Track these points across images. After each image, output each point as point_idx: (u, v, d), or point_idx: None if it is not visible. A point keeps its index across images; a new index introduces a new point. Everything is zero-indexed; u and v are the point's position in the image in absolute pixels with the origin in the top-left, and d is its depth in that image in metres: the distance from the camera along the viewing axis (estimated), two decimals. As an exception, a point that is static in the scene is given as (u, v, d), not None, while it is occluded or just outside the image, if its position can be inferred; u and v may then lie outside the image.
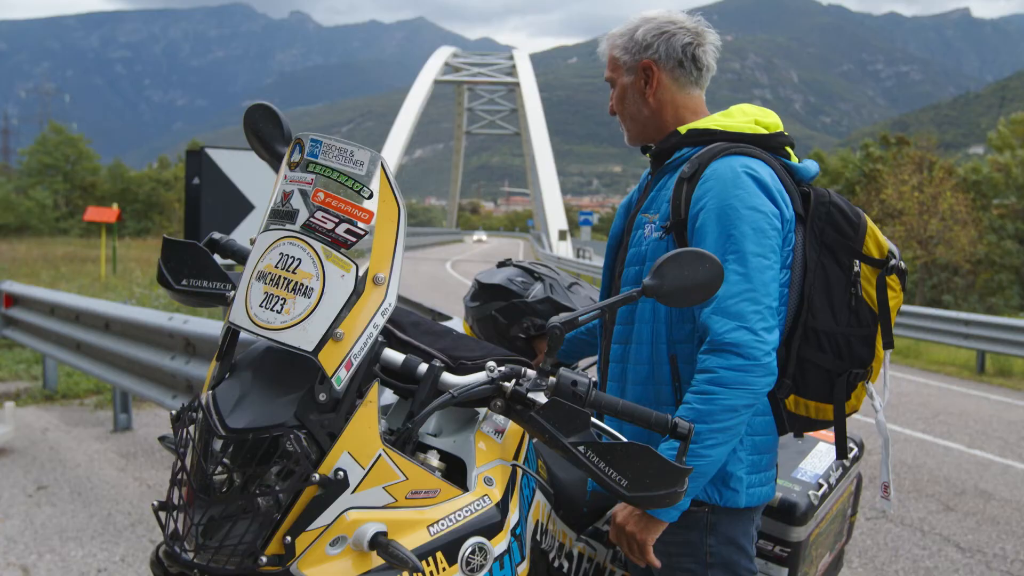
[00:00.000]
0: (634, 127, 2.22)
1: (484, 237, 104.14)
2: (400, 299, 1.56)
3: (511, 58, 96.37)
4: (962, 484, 6.87)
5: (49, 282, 21.18)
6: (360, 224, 1.48)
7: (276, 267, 1.49)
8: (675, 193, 2.04)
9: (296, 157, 1.56)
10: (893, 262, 2.10)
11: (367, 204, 1.49)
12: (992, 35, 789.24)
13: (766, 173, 2.02)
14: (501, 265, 2.99)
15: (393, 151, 70.96)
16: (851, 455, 2.73)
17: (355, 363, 1.47)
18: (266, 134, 1.78)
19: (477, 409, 1.83)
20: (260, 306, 1.49)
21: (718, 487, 2.02)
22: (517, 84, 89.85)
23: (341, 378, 1.45)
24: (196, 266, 1.78)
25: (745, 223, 1.92)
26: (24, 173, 62.64)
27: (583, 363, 2.74)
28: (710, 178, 1.99)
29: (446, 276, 33.85)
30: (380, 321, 1.49)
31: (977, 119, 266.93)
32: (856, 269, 2.08)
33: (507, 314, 2.80)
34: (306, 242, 1.49)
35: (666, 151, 2.17)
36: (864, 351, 2.11)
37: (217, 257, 1.82)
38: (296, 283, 1.47)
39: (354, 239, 1.48)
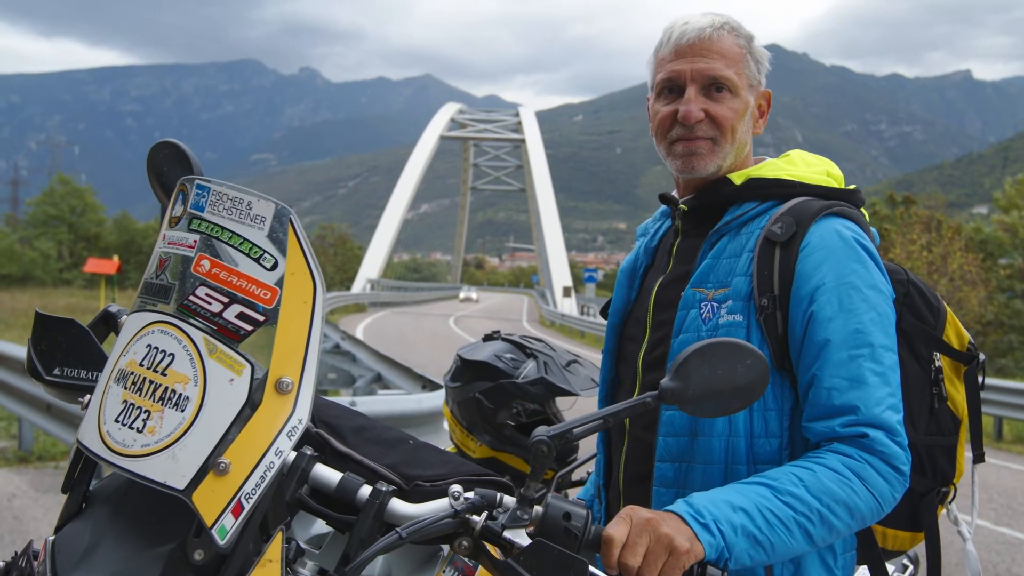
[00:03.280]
0: (730, 155, 1.68)
1: (474, 295, 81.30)
2: (387, 360, 1.12)
3: (517, 115, 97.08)
4: (994, 568, 6.36)
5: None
6: (259, 306, 1.06)
7: (141, 365, 1.06)
8: (761, 261, 1.56)
9: (178, 210, 1.13)
10: (983, 357, 1.69)
11: (269, 277, 1.06)
12: (993, 96, 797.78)
13: (869, 241, 1.59)
14: (488, 338, 2.59)
15: (399, 205, 71.32)
16: (907, 573, 2.28)
17: (248, 506, 1.03)
18: (171, 179, 1.33)
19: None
20: (116, 421, 1.04)
21: None
22: (523, 140, 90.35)
23: (226, 528, 1.02)
24: (74, 350, 1.36)
25: (872, 308, 1.50)
26: (29, 224, 62.99)
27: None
28: (817, 248, 1.54)
29: (449, 332, 33.54)
30: (286, 445, 1.06)
31: (980, 179, 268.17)
32: (937, 364, 1.68)
33: (493, 397, 2.40)
34: (182, 330, 1.06)
35: (715, 205, 1.69)
36: (946, 465, 1.70)
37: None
38: (166, 389, 1.04)
39: (250, 327, 1.05)
